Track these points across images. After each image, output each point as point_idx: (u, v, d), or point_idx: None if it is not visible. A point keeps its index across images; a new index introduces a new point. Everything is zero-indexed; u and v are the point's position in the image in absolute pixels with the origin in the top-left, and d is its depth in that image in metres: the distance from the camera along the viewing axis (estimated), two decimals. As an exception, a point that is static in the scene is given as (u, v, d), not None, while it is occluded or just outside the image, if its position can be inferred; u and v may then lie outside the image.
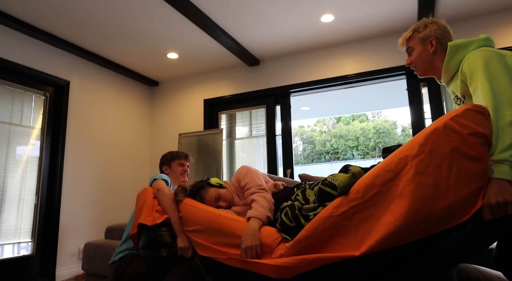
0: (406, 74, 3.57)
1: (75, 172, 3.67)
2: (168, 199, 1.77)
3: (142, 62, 4.17)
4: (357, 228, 1.21)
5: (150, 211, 1.75)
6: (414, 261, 1.15)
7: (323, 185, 1.44)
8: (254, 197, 1.61)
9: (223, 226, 1.56)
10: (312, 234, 1.28)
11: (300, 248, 1.31)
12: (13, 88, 3.26)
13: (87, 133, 3.86)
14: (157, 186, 1.83)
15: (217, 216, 1.62)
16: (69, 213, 3.55)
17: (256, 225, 1.48)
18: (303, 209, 1.42)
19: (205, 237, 1.59)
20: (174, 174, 2.26)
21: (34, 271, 3.26)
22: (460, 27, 3.33)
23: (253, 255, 1.41)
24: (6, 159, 3.12)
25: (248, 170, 1.75)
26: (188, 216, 1.68)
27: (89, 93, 3.94)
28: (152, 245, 1.69)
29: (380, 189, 1.18)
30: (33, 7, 2.95)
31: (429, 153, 1.12)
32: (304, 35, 3.59)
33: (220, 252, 1.51)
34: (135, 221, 1.76)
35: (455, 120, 1.13)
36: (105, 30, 3.37)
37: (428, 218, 1.09)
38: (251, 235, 1.45)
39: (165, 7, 2.98)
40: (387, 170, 1.19)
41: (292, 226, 1.41)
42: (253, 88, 4.22)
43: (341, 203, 1.26)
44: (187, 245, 1.66)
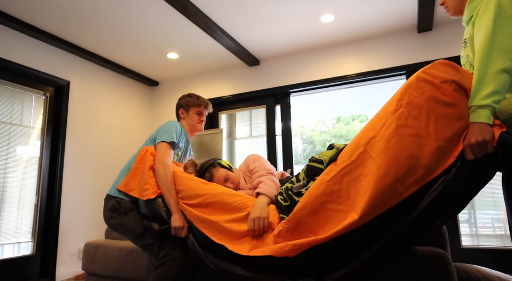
0: (406, 74, 3.57)
1: (75, 172, 3.67)
2: (166, 179, 1.71)
3: (142, 62, 4.17)
4: (348, 190, 1.24)
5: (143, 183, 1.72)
6: (408, 215, 1.17)
7: (310, 161, 1.50)
8: (262, 179, 1.65)
9: (232, 201, 1.56)
10: (305, 204, 1.31)
11: (295, 220, 1.33)
12: (13, 88, 3.26)
13: (87, 133, 3.86)
14: (160, 160, 1.75)
15: (225, 191, 1.63)
16: (69, 213, 3.55)
17: (265, 201, 1.52)
18: (294, 187, 1.47)
19: (211, 211, 1.57)
20: (190, 121, 2.11)
21: (34, 271, 3.26)
22: (460, 27, 3.33)
23: (261, 226, 1.43)
24: (6, 159, 3.12)
25: (258, 157, 1.82)
26: (192, 190, 1.65)
27: (89, 93, 3.94)
28: (147, 217, 1.68)
29: (365, 148, 1.22)
30: (33, 7, 2.95)
31: (406, 105, 1.18)
32: (304, 35, 3.59)
33: (225, 230, 1.50)
34: (129, 180, 1.76)
35: (426, 72, 1.20)
36: (105, 30, 3.37)
37: (415, 166, 1.13)
38: (260, 208, 1.48)
39: (165, 7, 2.98)
40: (370, 129, 1.24)
41: (287, 204, 1.45)
42: (253, 88, 4.22)
43: (330, 170, 1.30)
44: (181, 225, 1.61)
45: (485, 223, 3.21)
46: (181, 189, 1.68)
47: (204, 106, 2.14)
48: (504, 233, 3.08)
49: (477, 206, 3.24)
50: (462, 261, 3.08)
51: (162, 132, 1.85)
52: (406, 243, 1.22)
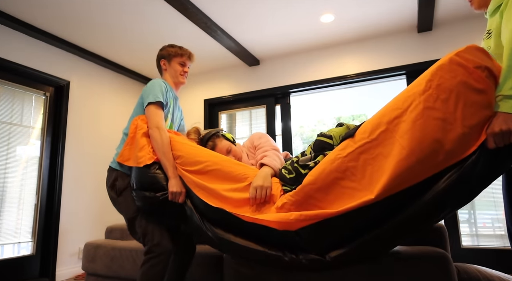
0: (406, 74, 3.57)
1: (75, 172, 3.67)
2: (162, 143, 1.64)
3: (142, 62, 4.17)
4: (364, 168, 1.20)
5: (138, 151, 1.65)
6: (420, 199, 1.14)
7: (318, 136, 1.47)
8: (267, 153, 1.62)
9: (234, 169, 1.51)
10: (317, 178, 1.27)
11: (304, 194, 1.29)
12: (13, 88, 3.26)
13: (87, 133, 3.86)
14: (154, 124, 1.67)
15: (226, 159, 1.57)
16: (69, 213, 3.55)
17: (268, 171, 1.49)
18: (300, 160, 1.44)
19: (211, 179, 1.52)
20: (173, 72, 1.98)
21: (34, 271, 3.26)
22: (460, 27, 3.33)
23: (263, 195, 1.39)
24: (6, 159, 3.12)
25: (264, 134, 1.80)
26: (192, 156, 1.59)
27: (89, 93, 3.93)
28: (143, 186, 1.60)
29: (388, 127, 1.18)
30: (33, 7, 2.95)
31: (436, 88, 1.13)
32: (304, 35, 3.59)
33: (226, 198, 1.45)
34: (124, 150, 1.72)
35: (460, 55, 1.15)
36: (105, 30, 3.37)
37: (438, 151, 1.10)
38: (263, 177, 1.44)
39: (165, 7, 2.98)
40: (394, 108, 1.18)
41: (292, 176, 1.41)
42: (253, 88, 4.22)
43: (347, 145, 1.25)
44: (179, 190, 1.56)
45: (485, 223, 3.21)
46: (181, 155, 1.61)
47: (187, 56, 2.00)
48: (504, 233, 3.08)
49: (477, 206, 3.24)
50: (462, 261, 3.08)
51: (147, 94, 1.75)
52: (411, 230, 1.19)
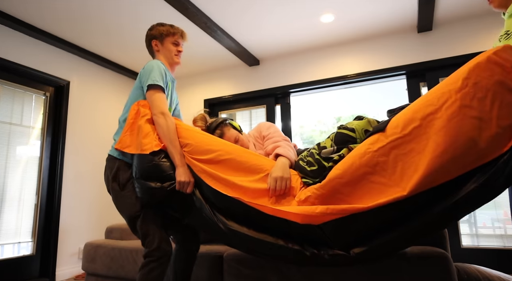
0: (406, 74, 3.57)
1: (75, 172, 3.67)
2: (168, 130, 1.54)
3: (142, 62, 4.17)
4: (395, 164, 1.18)
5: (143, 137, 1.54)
6: (450, 197, 1.13)
7: (340, 129, 1.42)
8: (280, 144, 1.57)
9: (249, 160, 1.44)
10: (345, 172, 1.24)
11: (330, 188, 1.26)
12: (13, 88, 3.26)
13: (87, 133, 3.86)
14: (158, 109, 1.57)
15: (240, 149, 1.49)
16: (69, 213, 3.55)
17: (286, 162, 1.42)
18: (323, 152, 1.38)
19: (224, 169, 1.44)
20: (167, 53, 1.87)
21: (34, 271, 3.26)
22: (460, 27, 3.33)
23: (283, 186, 1.33)
24: (6, 159, 3.12)
25: (272, 124, 1.74)
26: (203, 144, 1.51)
27: (89, 93, 3.93)
28: (148, 176, 1.48)
29: (421, 123, 1.16)
30: (33, 7, 2.95)
31: (473, 86, 1.12)
32: (304, 35, 3.59)
33: (242, 188, 1.38)
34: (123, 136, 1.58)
35: (497, 54, 1.14)
36: (106, 30, 3.37)
37: (472, 149, 1.09)
38: (282, 168, 1.38)
39: (165, 7, 2.98)
40: (428, 105, 1.17)
41: (313, 169, 1.36)
42: (253, 88, 4.22)
43: (377, 139, 1.23)
44: (187, 179, 1.46)
45: (485, 223, 3.21)
46: (189, 143, 1.52)
47: (180, 34, 1.89)
48: (504, 233, 3.08)
49: (477, 206, 3.24)
50: (462, 261, 3.08)
51: (146, 77, 1.64)
52: (438, 227, 1.18)
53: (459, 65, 3.60)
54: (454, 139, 1.10)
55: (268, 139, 1.64)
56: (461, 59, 3.27)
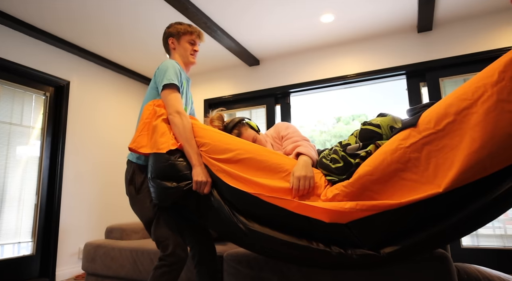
0: (406, 74, 3.57)
1: (75, 172, 3.67)
2: (185, 129, 1.50)
3: (142, 62, 4.17)
4: (427, 160, 1.15)
5: (159, 136, 1.50)
6: (489, 194, 1.09)
7: (365, 125, 1.39)
8: (300, 143, 1.53)
9: (269, 158, 1.39)
10: (376, 168, 1.21)
11: (360, 185, 1.23)
12: (13, 88, 3.26)
13: (87, 133, 3.86)
14: (173, 109, 1.54)
15: (259, 147, 1.45)
16: (69, 213, 3.55)
17: (309, 160, 1.39)
18: (348, 149, 1.34)
19: (243, 169, 1.39)
20: (183, 52, 1.84)
21: (34, 271, 3.26)
22: (460, 27, 3.33)
23: (306, 186, 1.29)
24: (6, 159, 3.12)
25: (291, 125, 1.71)
26: (221, 143, 1.47)
27: (89, 93, 3.94)
28: (163, 175, 1.43)
29: (455, 118, 1.13)
30: (33, 7, 2.95)
31: (510, 80, 1.08)
32: (304, 35, 3.59)
33: (262, 187, 1.34)
34: (137, 136, 1.54)
35: None
36: (106, 30, 3.37)
37: (509, 145, 1.06)
38: (305, 166, 1.34)
39: (165, 7, 2.98)
40: (463, 99, 1.13)
41: (339, 166, 1.32)
42: (253, 88, 4.22)
43: (409, 135, 1.19)
44: (204, 179, 1.42)
45: (485, 223, 3.20)
46: (207, 142, 1.49)
47: (197, 34, 1.88)
48: (504, 233, 3.08)
49: (477, 206, 3.23)
50: (462, 261, 3.08)
51: (161, 77, 1.62)
52: (475, 225, 1.14)
53: (459, 65, 3.61)
54: (491, 135, 1.07)
55: (287, 139, 1.61)
56: (461, 59, 3.27)
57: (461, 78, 3.33)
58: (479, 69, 3.26)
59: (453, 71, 3.35)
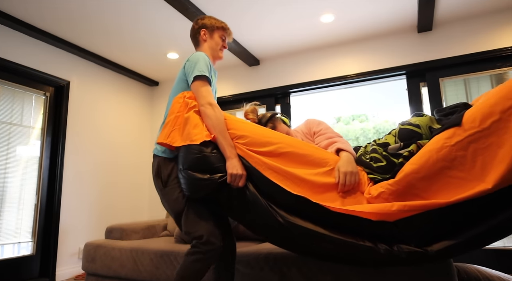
0: (406, 74, 3.57)
1: (75, 172, 3.67)
2: (218, 121, 1.48)
3: (142, 62, 4.17)
4: (474, 158, 1.17)
5: (192, 128, 1.46)
6: None
7: (404, 125, 1.39)
8: (337, 139, 1.53)
9: (312, 153, 1.39)
10: (422, 167, 1.22)
11: (406, 183, 1.24)
12: (13, 88, 3.26)
13: (87, 133, 3.86)
14: (205, 100, 1.51)
15: (300, 142, 1.44)
16: (69, 213, 3.55)
17: (351, 157, 1.39)
18: (390, 148, 1.36)
19: (285, 162, 1.38)
20: (214, 45, 1.81)
21: (34, 271, 3.26)
22: (460, 27, 3.33)
23: (352, 181, 1.30)
24: (6, 159, 3.12)
25: (322, 121, 1.70)
26: (261, 136, 1.45)
27: (89, 93, 3.94)
28: (196, 167, 1.40)
29: (501, 117, 1.15)
30: (33, 7, 2.95)
31: None
32: (304, 35, 3.59)
33: (306, 181, 1.33)
34: (170, 131, 1.50)
35: None
36: (105, 30, 3.37)
37: None
38: (350, 162, 1.34)
39: (165, 7, 2.98)
40: (508, 98, 1.16)
41: (381, 165, 1.34)
42: (253, 88, 4.22)
43: (454, 134, 1.21)
44: (240, 172, 1.38)
45: (485, 223, 3.20)
46: (245, 135, 1.46)
47: (229, 32, 1.88)
48: (504, 233, 3.07)
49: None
50: (462, 261, 3.08)
51: (192, 68, 1.59)
52: None
53: (459, 65, 3.62)
54: None
55: (320, 135, 1.59)
56: (461, 59, 3.27)
57: (461, 78, 3.33)
58: (479, 69, 3.26)
59: (453, 71, 3.35)
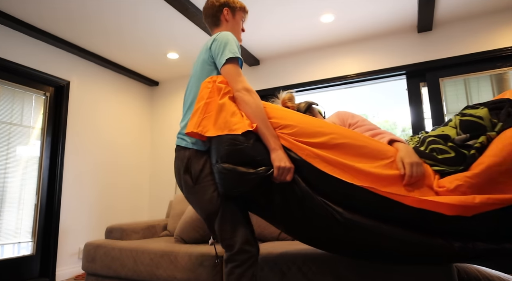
0: (406, 74, 3.57)
1: (75, 172, 3.67)
2: (258, 108, 1.33)
3: (142, 62, 4.17)
4: None
5: (230, 116, 1.31)
6: None
7: (465, 117, 1.34)
8: (381, 130, 1.43)
9: (368, 144, 1.28)
10: (505, 159, 1.17)
11: (487, 176, 1.18)
12: (13, 88, 3.26)
13: (87, 133, 3.86)
14: (241, 85, 1.36)
15: (353, 132, 1.33)
16: (69, 213, 3.55)
17: (410, 147, 1.29)
18: (457, 139, 1.29)
19: (341, 154, 1.26)
20: (237, 27, 1.67)
21: (34, 271, 3.26)
22: (460, 27, 3.33)
23: (419, 172, 1.21)
24: (6, 159, 3.12)
25: (355, 113, 1.61)
26: (311, 126, 1.31)
27: (89, 93, 3.94)
28: (238, 159, 1.25)
29: None
30: (33, 7, 2.95)
31: None
32: (304, 35, 3.59)
33: (367, 174, 1.22)
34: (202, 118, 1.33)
35: None
36: (106, 30, 3.37)
37: None
38: (412, 153, 1.25)
39: (165, 7, 2.98)
40: None
41: (449, 156, 1.27)
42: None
43: None
44: (288, 165, 1.24)
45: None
46: (291, 124, 1.32)
47: (246, 17, 1.74)
48: (504, 233, 3.07)
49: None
50: (462, 261, 3.07)
51: (222, 48, 1.42)
52: None
53: (459, 65, 3.61)
54: None
55: (358, 127, 1.49)
56: (461, 59, 3.27)
57: (461, 78, 3.33)
58: (479, 69, 3.26)
59: (453, 71, 3.35)
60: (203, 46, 1.53)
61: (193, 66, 1.57)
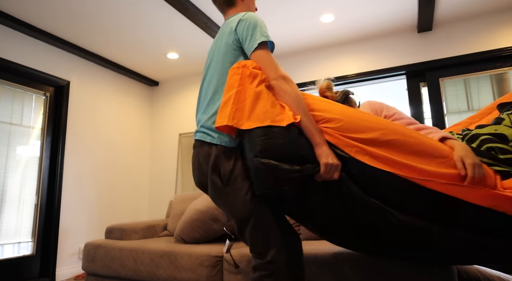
0: (406, 74, 3.57)
1: (75, 172, 3.67)
2: (298, 98, 1.19)
3: (142, 62, 4.17)
4: None
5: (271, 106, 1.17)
6: None
7: None
8: (423, 126, 1.34)
9: (422, 141, 1.17)
10: None
11: None
12: (13, 88, 3.26)
13: (87, 133, 3.86)
14: (278, 73, 1.21)
15: (401, 127, 1.21)
16: (69, 213, 3.56)
17: (467, 146, 1.20)
18: None
19: (393, 152, 1.15)
20: (252, 6, 1.53)
21: (34, 271, 3.26)
22: (460, 27, 3.33)
23: (481, 174, 1.12)
24: (6, 159, 3.12)
25: (387, 104, 1.49)
26: (360, 120, 1.19)
27: (89, 93, 3.94)
28: (282, 155, 1.11)
29: None
30: (33, 7, 2.95)
31: None
32: (304, 35, 3.59)
33: (427, 174, 1.12)
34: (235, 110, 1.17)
35: None
36: (106, 30, 3.37)
37: None
38: (470, 151, 1.15)
39: (165, 7, 2.98)
40: None
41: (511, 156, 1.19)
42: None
43: None
44: (336, 162, 1.12)
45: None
46: (336, 118, 1.19)
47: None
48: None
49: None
50: (462, 261, 3.07)
51: (251, 31, 1.25)
52: None
53: (459, 65, 3.61)
54: None
55: (397, 120, 1.38)
56: (461, 59, 3.27)
57: (461, 78, 3.33)
58: (479, 69, 3.26)
59: (453, 71, 3.35)
60: (224, 28, 1.35)
61: (209, 53, 1.42)
